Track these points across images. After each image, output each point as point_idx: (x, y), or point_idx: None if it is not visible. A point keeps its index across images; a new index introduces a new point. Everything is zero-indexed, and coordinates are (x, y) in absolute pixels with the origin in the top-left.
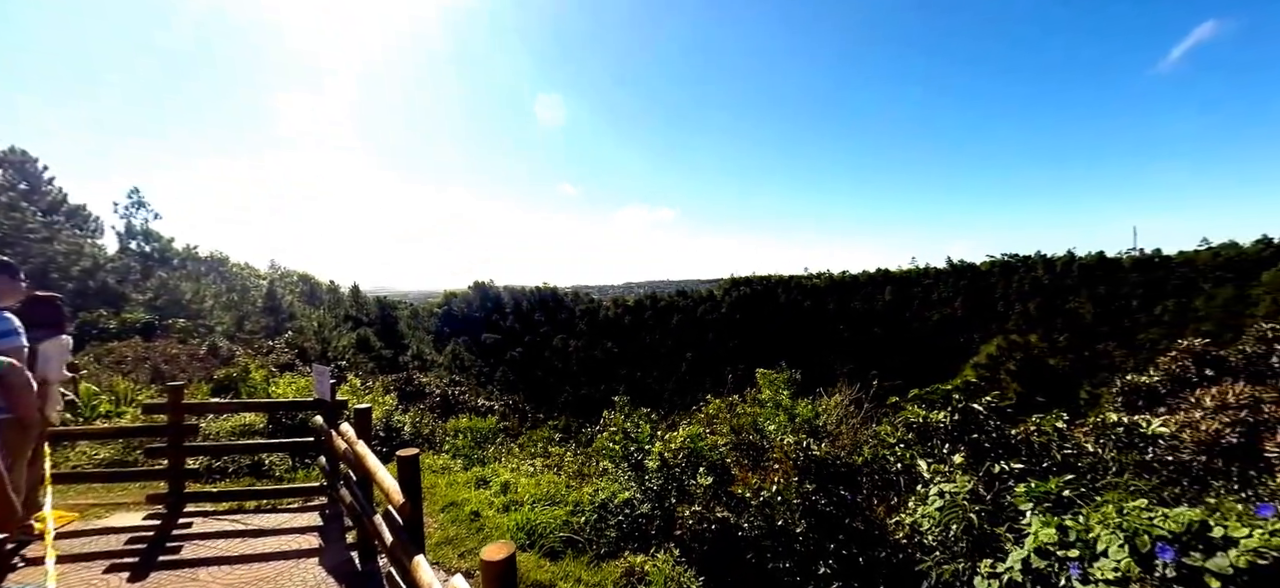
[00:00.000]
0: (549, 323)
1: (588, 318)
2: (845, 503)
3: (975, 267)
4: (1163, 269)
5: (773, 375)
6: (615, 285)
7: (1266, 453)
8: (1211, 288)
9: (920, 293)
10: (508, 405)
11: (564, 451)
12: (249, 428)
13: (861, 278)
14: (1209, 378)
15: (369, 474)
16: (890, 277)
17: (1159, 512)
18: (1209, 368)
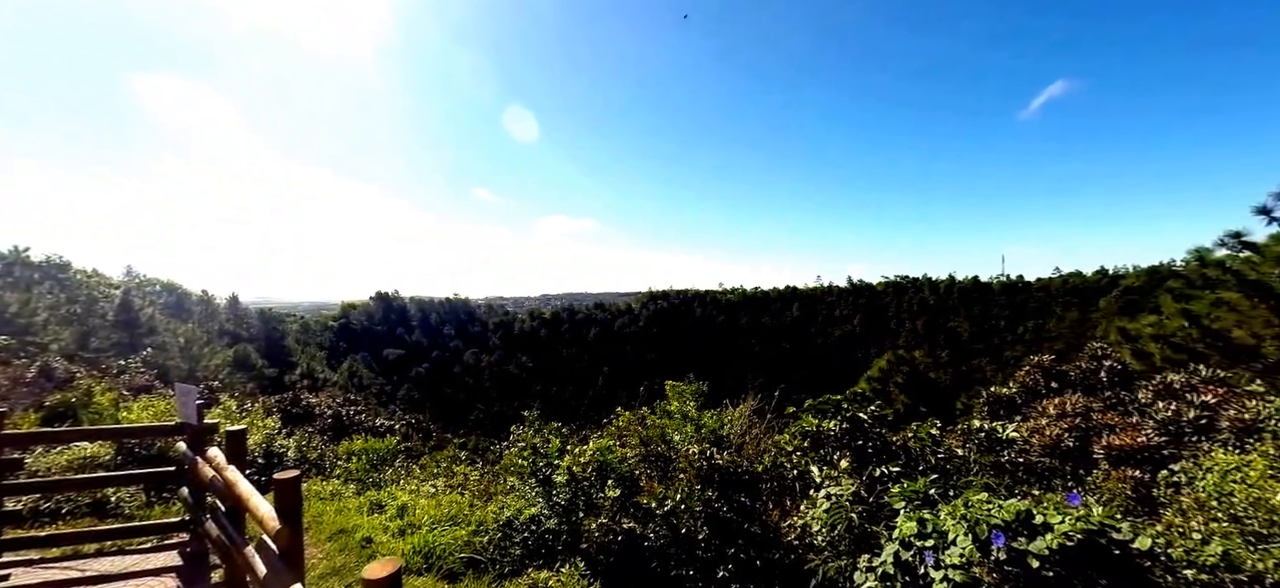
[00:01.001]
0: (460, 337)
1: (502, 331)
2: (745, 509)
3: (872, 287)
4: (1024, 293)
5: (681, 387)
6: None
7: (1094, 454)
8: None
9: (824, 310)
10: (410, 425)
11: (470, 469)
12: (91, 460)
13: (772, 294)
14: (1054, 389)
15: (240, 503)
16: (798, 294)
17: (996, 504)
18: (1054, 381)
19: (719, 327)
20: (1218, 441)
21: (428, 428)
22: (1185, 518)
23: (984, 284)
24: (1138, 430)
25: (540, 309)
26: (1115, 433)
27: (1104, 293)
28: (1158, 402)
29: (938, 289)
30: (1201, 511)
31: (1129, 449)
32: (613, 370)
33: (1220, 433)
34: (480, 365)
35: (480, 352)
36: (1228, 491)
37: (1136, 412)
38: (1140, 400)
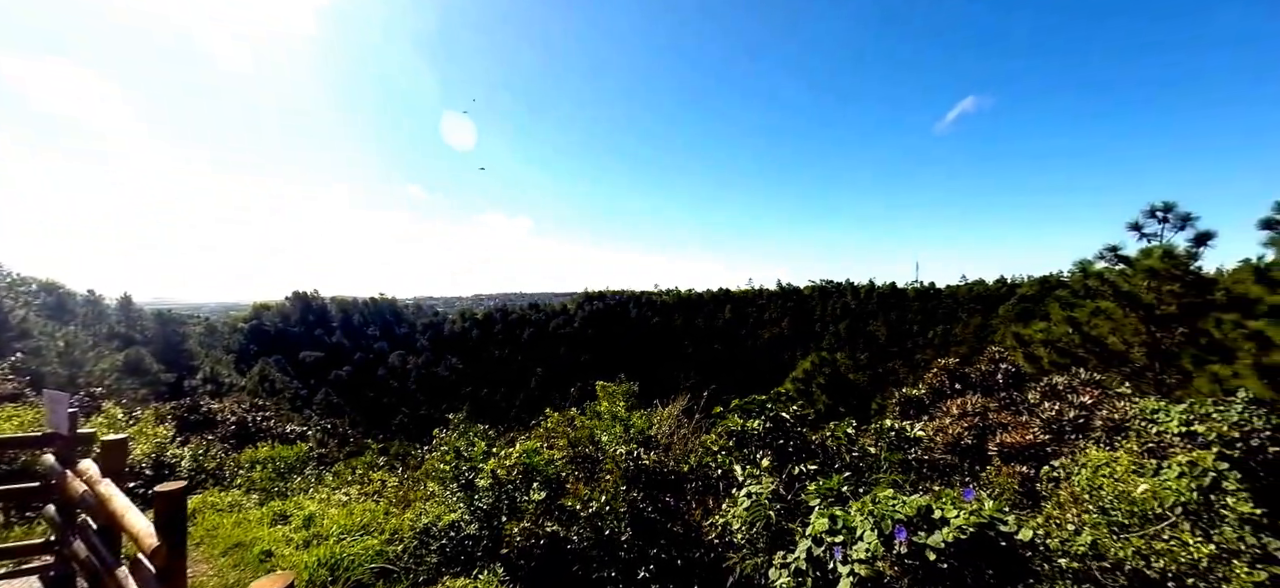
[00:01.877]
0: (385, 338)
1: (431, 332)
2: (669, 509)
3: (800, 290)
4: (935, 299)
5: (612, 388)
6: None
7: (989, 451)
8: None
9: (754, 312)
10: (326, 431)
11: (388, 476)
12: None
13: (705, 296)
14: (957, 390)
15: (115, 520)
16: (730, 296)
17: (900, 500)
18: (958, 383)
19: (654, 328)
20: (1092, 438)
21: (345, 433)
22: (1062, 510)
23: (900, 290)
24: (1026, 429)
25: (472, 310)
26: (1007, 431)
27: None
28: (1044, 402)
29: (859, 294)
30: (1076, 504)
31: (1018, 447)
32: (546, 372)
33: (1094, 431)
34: (406, 368)
35: (407, 353)
36: (1098, 485)
37: (1026, 411)
38: (1030, 401)
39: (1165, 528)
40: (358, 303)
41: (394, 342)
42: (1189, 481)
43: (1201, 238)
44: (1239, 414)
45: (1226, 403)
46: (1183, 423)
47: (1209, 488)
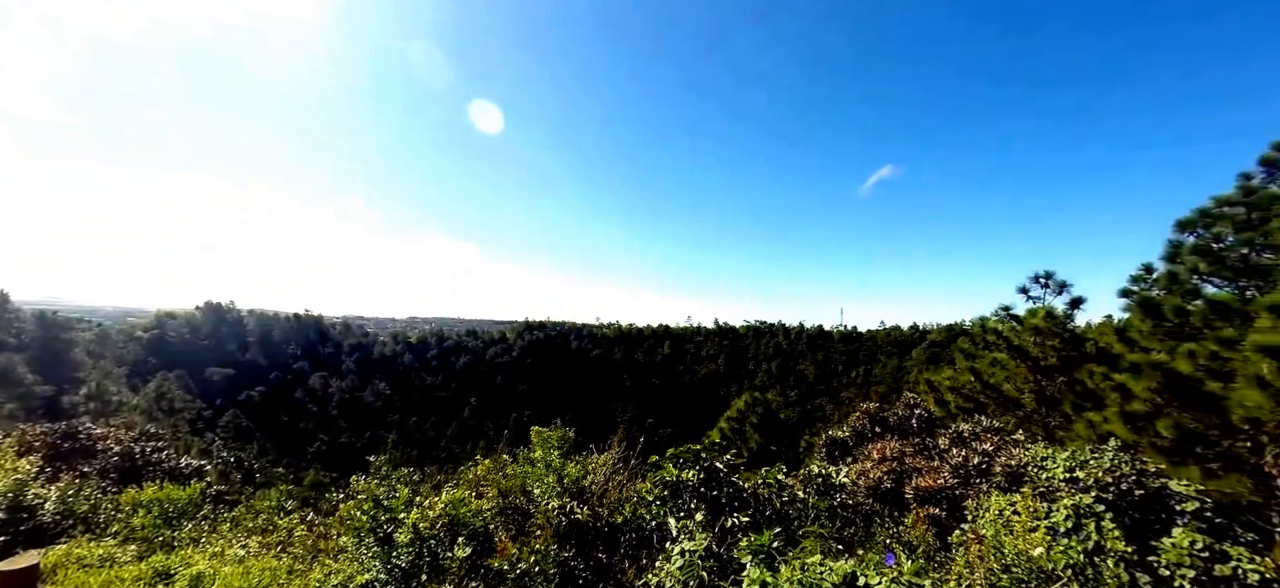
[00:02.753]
0: (307, 358)
1: (358, 354)
2: (601, 566)
3: (736, 329)
4: (857, 342)
5: (546, 434)
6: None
7: (906, 494)
8: (885, 358)
9: (692, 349)
10: (228, 464)
11: (294, 522)
12: None
13: (645, 331)
14: (878, 433)
15: None
16: (670, 332)
17: (827, 566)
18: (878, 426)
19: (594, 361)
20: (994, 483)
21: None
22: (971, 571)
23: (827, 333)
24: (938, 474)
25: (406, 333)
26: (922, 475)
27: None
28: (952, 448)
29: (790, 334)
30: (981, 562)
31: (931, 490)
32: (482, 401)
33: (995, 476)
34: (328, 391)
35: (330, 376)
36: (1001, 543)
37: (938, 456)
38: (940, 446)
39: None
40: (279, 318)
41: (317, 362)
42: (1077, 548)
43: (1075, 302)
44: (1111, 461)
45: (1101, 450)
46: (1067, 469)
47: (1093, 550)
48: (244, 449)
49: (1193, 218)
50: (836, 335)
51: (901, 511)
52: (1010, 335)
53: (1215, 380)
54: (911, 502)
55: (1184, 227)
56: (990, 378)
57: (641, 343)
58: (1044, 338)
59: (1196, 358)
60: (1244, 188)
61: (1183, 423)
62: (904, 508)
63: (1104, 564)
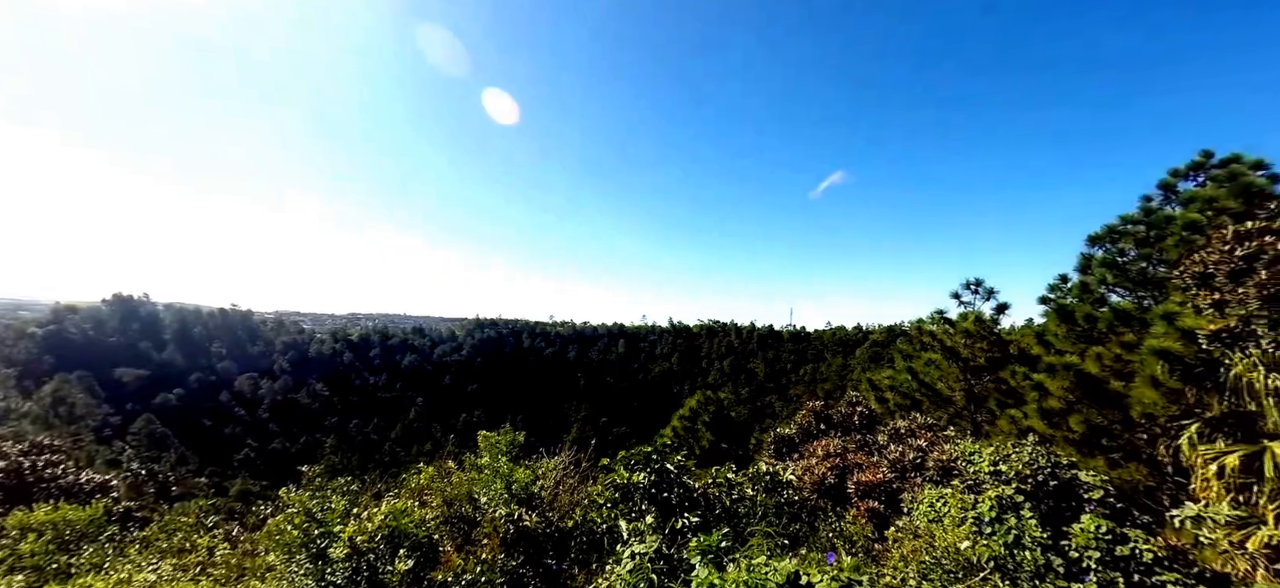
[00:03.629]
0: (234, 357)
1: (293, 353)
2: (551, 574)
3: (689, 328)
4: (806, 341)
5: (495, 438)
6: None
7: (848, 489)
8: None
9: (646, 347)
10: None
11: (216, 540)
12: None
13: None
14: (823, 430)
15: None
16: (624, 331)
17: (772, 566)
18: (823, 423)
19: (547, 359)
20: (927, 476)
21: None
22: (905, 564)
23: (777, 332)
24: (877, 469)
25: (346, 330)
26: (862, 471)
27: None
28: (890, 445)
29: (742, 334)
30: (914, 555)
31: (871, 485)
32: (429, 402)
33: (929, 470)
34: (257, 393)
35: (261, 376)
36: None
37: (877, 452)
38: (880, 442)
39: (978, 581)
40: (202, 313)
41: (246, 362)
42: (998, 541)
43: (1001, 307)
44: (1029, 454)
45: (1021, 444)
46: (991, 463)
47: (1012, 544)
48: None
49: (1102, 233)
50: (786, 335)
51: (844, 505)
52: (943, 337)
53: (1118, 380)
54: (853, 496)
55: (1094, 241)
56: (925, 377)
57: (596, 341)
58: (973, 340)
59: (1103, 360)
60: (1145, 209)
61: (1091, 418)
62: (846, 502)
63: (1022, 554)
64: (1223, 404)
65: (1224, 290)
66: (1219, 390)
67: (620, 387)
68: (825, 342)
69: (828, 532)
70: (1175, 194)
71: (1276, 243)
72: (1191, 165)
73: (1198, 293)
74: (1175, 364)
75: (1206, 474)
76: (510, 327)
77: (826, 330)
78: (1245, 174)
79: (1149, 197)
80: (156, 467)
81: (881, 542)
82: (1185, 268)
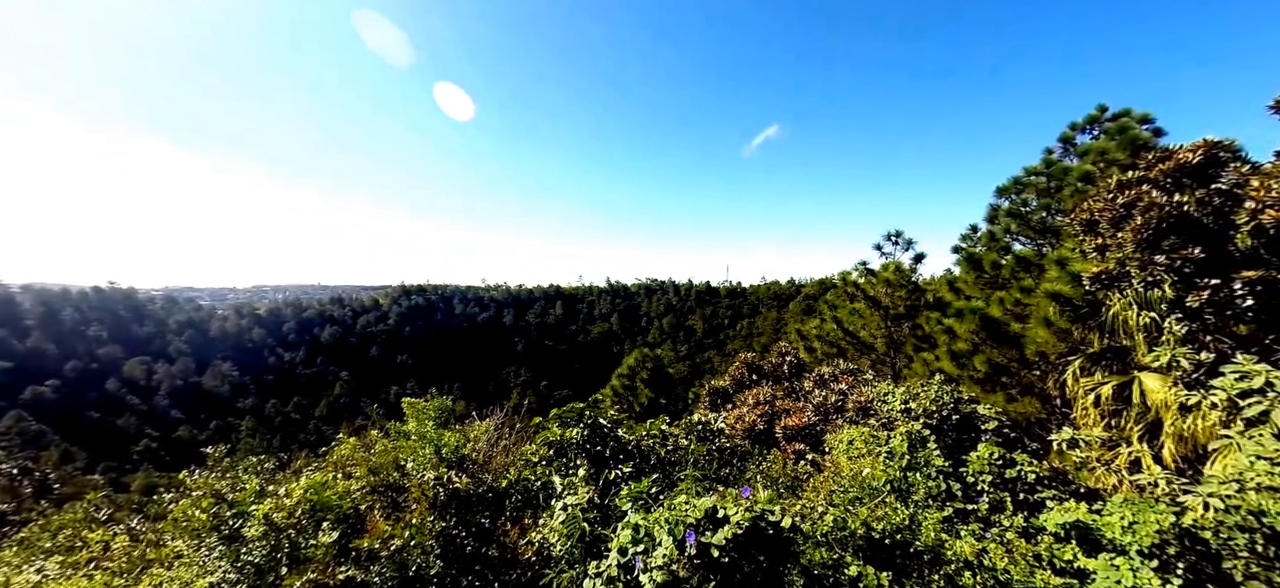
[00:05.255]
0: (118, 340)
1: (191, 331)
2: (484, 532)
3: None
4: (742, 297)
5: (420, 405)
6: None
7: (776, 434)
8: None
9: (585, 308)
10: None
11: (110, 534)
12: None
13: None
14: (755, 381)
15: None
16: (562, 293)
17: (692, 504)
18: (755, 374)
19: (482, 325)
20: (847, 417)
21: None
22: (816, 494)
23: (714, 288)
24: (803, 413)
25: (252, 304)
26: (789, 416)
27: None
28: (815, 390)
29: (680, 291)
30: (824, 485)
31: (797, 429)
32: (356, 376)
33: (848, 412)
34: (153, 379)
35: (154, 360)
36: (840, 467)
37: (803, 398)
38: (805, 388)
39: (879, 504)
40: (71, 294)
41: (132, 345)
42: (895, 466)
43: (918, 257)
44: (935, 392)
45: (929, 384)
46: (903, 402)
47: (907, 468)
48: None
49: (1008, 185)
50: (723, 291)
51: (772, 448)
52: (866, 287)
53: (1017, 322)
54: (781, 440)
55: (1002, 192)
56: (850, 326)
57: (532, 305)
58: (893, 289)
59: (1005, 304)
60: (1046, 161)
61: (993, 358)
62: (775, 446)
63: (916, 478)
64: (1103, 341)
65: (1106, 236)
66: (1100, 329)
67: (560, 350)
68: (761, 296)
69: (755, 473)
70: (1073, 147)
71: (1151, 192)
72: (1088, 119)
73: (1084, 239)
74: (1065, 306)
75: (1086, 403)
76: (439, 293)
77: (762, 285)
78: (1132, 127)
79: (1050, 150)
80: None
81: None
82: (1075, 216)
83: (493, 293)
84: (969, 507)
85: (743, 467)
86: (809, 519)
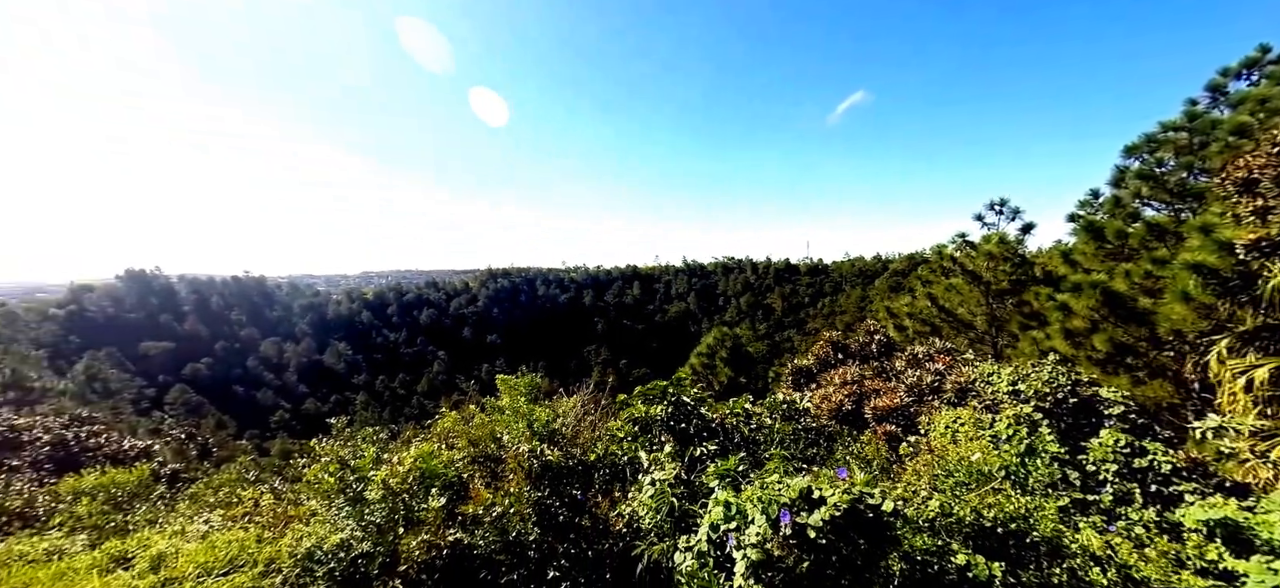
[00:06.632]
0: (254, 323)
1: (312, 315)
2: (576, 502)
3: (704, 266)
4: (823, 274)
5: (513, 381)
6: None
7: (865, 414)
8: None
9: (662, 288)
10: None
11: (259, 492)
12: None
13: (613, 273)
14: (840, 360)
15: None
16: (639, 273)
17: (785, 484)
18: (841, 353)
19: (563, 306)
20: (944, 399)
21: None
22: (918, 477)
23: (794, 266)
24: (894, 393)
25: (361, 289)
26: (879, 396)
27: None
28: (908, 370)
29: (758, 269)
30: (926, 469)
31: (888, 409)
32: (452, 355)
33: (946, 393)
34: (283, 357)
35: (284, 341)
36: (946, 449)
37: (894, 378)
38: (897, 368)
39: (990, 491)
40: (216, 283)
41: (265, 327)
42: (1010, 451)
43: (1026, 227)
44: (1048, 373)
45: (1040, 365)
46: (1010, 383)
47: (1025, 453)
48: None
49: (1139, 144)
50: (803, 268)
51: (862, 430)
52: (965, 261)
53: (1147, 297)
54: (871, 421)
55: (1130, 152)
56: (945, 303)
57: (610, 285)
58: (996, 263)
59: (1132, 277)
60: (1189, 113)
61: (1116, 337)
62: (864, 427)
63: (1033, 464)
64: (1257, 317)
65: (1269, 196)
66: (1254, 303)
67: (637, 329)
68: (844, 273)
69: (845, 454)
70: (1224, 96)
71: None
72: (1245, 63)
73: (1239, 200)
74: (1209, 278)
75: (1234, 388)
76: (523, 276)
77: (845, 261)
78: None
79: (1194, 100)
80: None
81: (899, 462)
82: (1228, 174)
83: (572, 274)
84: (1089, 497)
85: (830, 448)
86: (911, 504)
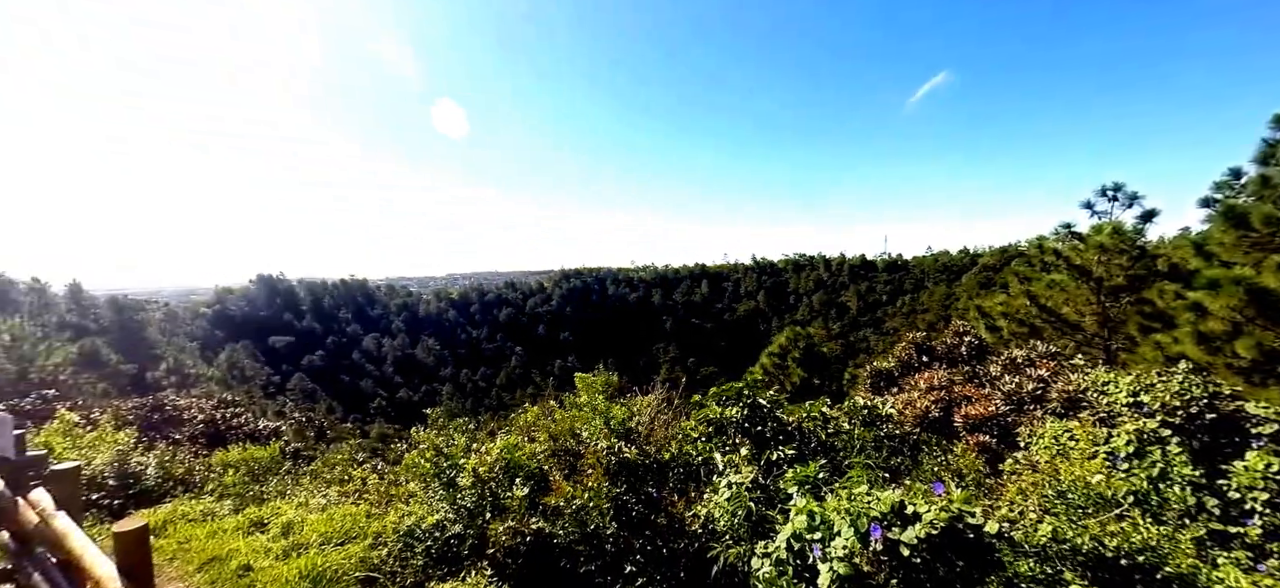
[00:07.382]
0: (358, 320)
1: (405, 314)
2: (651, 500)
3: (774, 264)
4: (903, 270)
5: (590, 379)
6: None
7: (954, 422)
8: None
9: (731, 287)
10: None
11: (368, 473)
12: None
13: (682, 272)
14: (925, 363)
15: (72, 558)
16: (707, 271)
17: (874, 496)
18: (925, 356)
19: (632, 304)
20: (1049, 409)
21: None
22: (1024, 498)
23: (870, 262)
24: (989, 401)
25: (447, 289)
26: (971, 404)
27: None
28: (1005, 375)
29: (831, 266)
30: (1035, 490)
31: (982, 418)
32: (527, 351)
33: (1051, 402)
34: (381, 351)
35: (382, 336)
36: (1057, 467)
37: (988, 384)
38: (991, 373)
39: (1113, 518)
40: (327, 285)
41: (366, 324)
42: (1141, 474)
43: (1147, 215)
44: (1180, 383)
45: (1169, 373)
46: (1130, 394)
47: (1158, 478)
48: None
49: None
50: (880, 265)
51: (950, 439)
52: (1071, 255)
53: None
54: (961, 430)
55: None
56: (1047, 301)
57: (679, 284)
58: (1110, 256)
59: None
60: None
61: (1265, 341)
62: (953, 437)
63: (1169, 491)
64: None
65: None
66: None
67: (706, 327)
68: (926, 269)
69: (933, 466)
70: None
71: None
72: None
73: None
74: None
75: None
76: (594, 275)
77: (927, 256)
78: None
79: None
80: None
81: (995, 477)
82: None
83: (641, 273)
84: (1231, 529)
85: (915, 458)
86: (1018, 526)
